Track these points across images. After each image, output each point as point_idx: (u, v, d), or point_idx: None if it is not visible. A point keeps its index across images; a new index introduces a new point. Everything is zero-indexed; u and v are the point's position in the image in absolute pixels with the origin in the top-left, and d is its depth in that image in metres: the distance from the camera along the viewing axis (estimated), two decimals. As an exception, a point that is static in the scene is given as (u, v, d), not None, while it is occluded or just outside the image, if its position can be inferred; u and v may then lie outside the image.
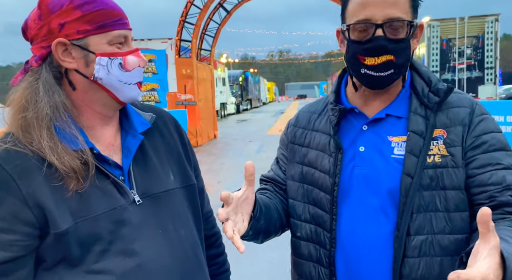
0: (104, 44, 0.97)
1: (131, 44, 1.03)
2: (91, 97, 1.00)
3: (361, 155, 1.11)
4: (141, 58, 1.03)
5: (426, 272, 1.04)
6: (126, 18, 1.02)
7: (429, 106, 1.08)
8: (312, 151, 1.18)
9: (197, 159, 1.26)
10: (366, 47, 1.05)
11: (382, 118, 1.11)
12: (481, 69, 13.19)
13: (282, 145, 1.32)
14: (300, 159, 1.21)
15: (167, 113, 1.22)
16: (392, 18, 1.02)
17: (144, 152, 1.06)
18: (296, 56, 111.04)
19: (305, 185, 1.18)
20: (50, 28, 0.96)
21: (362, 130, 1.12)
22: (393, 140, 1.09)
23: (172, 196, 1.06)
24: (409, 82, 1.14)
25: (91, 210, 0.93)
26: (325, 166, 1.14)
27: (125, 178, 1.01)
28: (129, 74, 1.00)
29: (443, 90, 1.08)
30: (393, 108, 1.12)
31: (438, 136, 1.06)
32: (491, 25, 12.89)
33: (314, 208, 1.16)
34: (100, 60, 0.97)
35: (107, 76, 0.98)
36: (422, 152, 1.04)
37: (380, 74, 1.05)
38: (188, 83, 12.51)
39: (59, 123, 0.95)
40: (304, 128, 1.24)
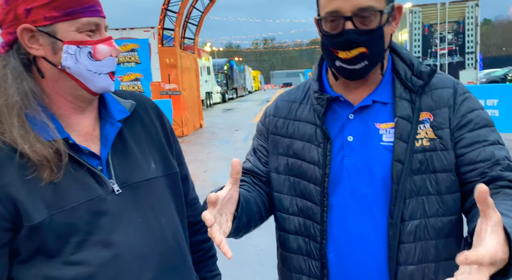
0: (73, 31, 0.94)
1: (103, 32, 0.99)
2: (61, 86, 0.98)
3: (350, 145, 1.09)
4: (114, 47, 1.00)
5: (422, 256, 1.04)
6: (99, 5, 0.99)
7: (413, 90, 1.07)
8: (298, 142, 1.15)
9: (183, 149, 1.25)
10: (337, 41, 1.02)
11: (369, 105, 1.10)
12: (462, 54, 13.37)
13: (259, 135, 1.27)
14: (284, 150, 1.18)
15: (149, 100, 1.19)
16: (361, 9, 0.99)
17: (124, 140, 1.05)
18: (280, 44, 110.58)
19: (292, 178, 1.15)
20: (16, 13, 0.93)
21: (349, 119, 1.11)
22: (381, 127, 1.08)
23: (153, 185, 1.05)
24: (390, 66, 1.12)
25: (68, 201, 0.91)
26: (314, 157, 1.11)
27: (104, 168, 0.99)
28: (100, 63, 0.97)
29: (426, 72, 1.08)
30: (378, 94, 1.10)
31: (425, 119, 1.05)
32: (472, 10, 13.03)
33: (302, 201, 1.13)
34: (68, 48, 0.94)
35: (75, 65, 0.95)
36: (411, 137, 1.04)
37: (354, 67, 1.04)
38: (172, 72, 12.39)
39: (29, 111, 0.92)
40: (285, 118, 1.20)
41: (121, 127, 1.04)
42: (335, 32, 1.03)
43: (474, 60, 13.40)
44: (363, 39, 1.01)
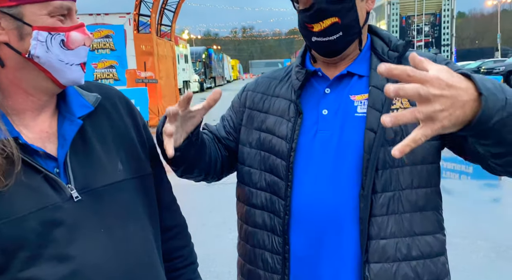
0: (43, 15, 0.83)
1: (75, 18, 0.89)
2: (24, 76, 0.87)
3: (324, 118, 1.08)
4: (87, 35, 0.90)
5: (396, 229, 1.01)
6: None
7: (389, 62, 1.06)
8: (271, 117, 1.15)
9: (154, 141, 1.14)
10: (310, 14, 1.04)
11: (344, 76, 1.10)
12: (438, 46, 13.64)
13: (232, 106, 1.28)
14: (258, 125, 1.17)
15: (118, 92, 1.08)
16: None
17: (86, 139, 0.93)
18: (260, 33, 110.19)
19: (262, 152, 1.15)
20: None
21: (325, 94, 1.11)
22: (356, 99, 1.07)
23: (119, 189, 0.94)
24: (369, 44, 1.13)
25: (16, 210, 0.81)
26: (283, 132, 1.11)
27: (61, 171, 0.88)
28: (72, 53, 0.87)
29: (401, 44, 1.09)
30: (354, 67, 1.10)
31: None
32: (448, 2, 13.26)
33: (270, 176, 1.13)
34: (38, 34, 0.83)
35: (46, 54, 0.84)
36: (385, 106, 1.02)
37: (329, 39, 1.05)
38: (148, 60, 12.13)
39: None
40: (263, 93, 1.21)
41: (83, 124, 0.93)
42: (307, 5, 1.05)
43: (450, 52, 13.69)
44: (334, 9, 1.02)
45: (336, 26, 1.04)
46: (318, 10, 1.03)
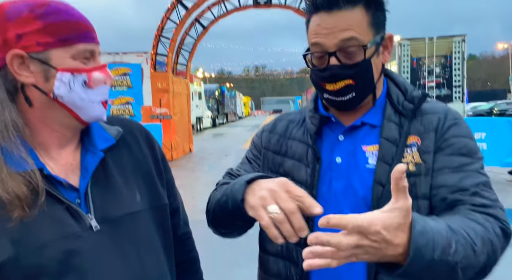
0: (67, 58, 0.89)
1: (98, 59, 0.95)
2: (49, 115, 0.92)
3: (337, 167, 1.07)
4: (108, 75, 0.95)
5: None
6: (94, 32, 0.94)
7: (403, 113, 1.06)
8: (289, 161, 1.13)
9: (172, 173, 1.18)
10: (323, 75, 1.04)
11: (358, 126, 1.09)
12: (449, 87, 13.70)
13: (254, 147, 1.25)
14: (274, 167, 1.15)
15: (138, 125, 1.12)
16: (343, 40, 0.99)
17: (107, 170, 0.97)
18: (271, 72, 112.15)
19: None
20: (5, 38, 0.86)
21: (339, 140, 1.10)
22: (367, 149, 1.06)
23: (136, 219, 0.97)
24: (385, 92, 1.12)
25: (37, 238, 0.84)
26: (302, 177, 1.09)
27: (82, 201, 0.91)
28: (94, 91, 0.93)
29: (417, 97, 1.07)
30: (368, 117, 1.09)
31: (412, 143, 1.03)
32: (458, 45, 13.45)
33: None
34: (62, 76, 0.89)
35: (69, 94, 0.90)
36: (395, 160, 1.01)
37: (341, 99, 1.04)
38: (164, 97, 12.41)
39: (6, 143, 0.86)
40: (280, 135, 1.19)
41: (105, 156, 0.97)
42: (321, 67, 1.04)
43: (461, 93, 13.72)
44: (348, 73, 1.01)
45: (350, 88, 1.03)
46: (332, 75, 1.02)
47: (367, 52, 1.01)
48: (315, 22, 1.03)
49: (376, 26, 1.04)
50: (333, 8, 1.00)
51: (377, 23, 1.05)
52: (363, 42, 1.01)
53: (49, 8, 0.88)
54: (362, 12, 1.02)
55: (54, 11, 0.88)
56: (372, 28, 1.03)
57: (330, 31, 1.00)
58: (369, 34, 1.02)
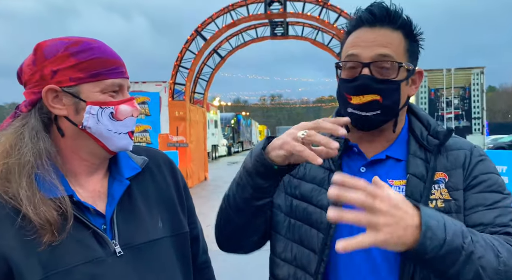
0: (97, 92, 0.95)
1: (126, 92, 1.01)
2: (79, 144, 0.98)
3: None
4: (135, 107, 1.01)
5: None
6: (123, 66, 1.01)
7: (428, 149, 1.05)
8: (306, 184, 1.11)
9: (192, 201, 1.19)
10: (352, 85, 1.03)
11: (382, 160, 1.07)
12: (468, 119, 13.51)
13: None
14: (290, 190, 1.13)
15: (163, 155, 1.18)
16: (380, 55, 1.02)
17: (132, 198, 1.02)
18: (287, 101, 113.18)
19: (292, 220, 1.09)
20: (42, 74, 0.94)
21: (360, 172, 1.07)
22: (394, 183, 1.04)
23: (158, 247, 1.01)
24: (407, 126, 1.12)
25: (65, 262, 0.89)
26: (323, 201, 1.05)
27: (108, 227, 0.96)
28: (120, 123, 0.98)
29: (442, 132, 1.06)
30: (392, 150, 1.08)
31: (440, 179, 1.02)
32: (477, 77, 13.36)
33: (298, 247, 1.06)
34: (91, 108, 0.95)
35: (96, 125, 0.96)
36: (423, 197, 1.00)
37: (365, 114, 1.03)
38: (181, 125, 12.58)
39: (40, 171, 0.92)
40: None
41: (130, 184, 1.02)
42: (350, 76, 1.05)
43: (481, 125, 13.50)
44: (378, 87, 1.01)
45: (376, 104, 1.02)
46: (361, 84, 1.02)
47: (400, 73, 1.03)
48: (354, 35, 1.06)
49: (411, 55, 1.07)
50: (376, 25, 1.04)
51: (412, 53, 1.07)
52: (397, 60, 1.03)
53: (82, 46, 0.96)
54: (401, 37, 1.06)
55: (87, 48, 0.96)
56: (407, 55, 1.06)
57: (369, 44, 1.03)
58: (403, 59, 1.05)
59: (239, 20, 13.49)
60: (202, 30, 13.38)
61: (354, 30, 1.07)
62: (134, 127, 1.03)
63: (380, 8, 1.05)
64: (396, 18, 1.05)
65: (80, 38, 0.99)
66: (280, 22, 14.84)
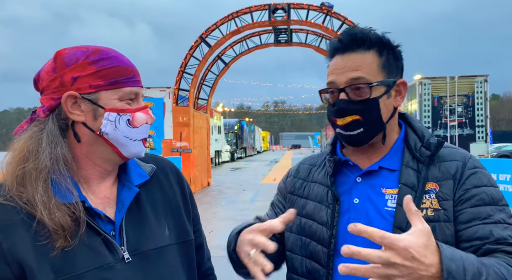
0: (115, 99, 0.98)
1: (141, 100, 1.04)
2: (94, 150, 1.00)
3: (355, 207, 1.10)
4: (150, 115, 1.03)
5: None
6: (139, 75, 1.03)
7: (421, 160, 1.09)
8: (311, 203, 1.18)
9: (198, 209, 1.22)
10: (333, 109, 1.12)
11: (375, 171, 1.12)
12: (472, 126, 13.48)
13: (280, 192, 1.32)
14: (299, 210, 1.18)
15: (170, 163, 1.20)
16: (352, 79, 1.08)
17: (140, 205, 1.04)
18: (291, 107, 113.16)
19: (303, 238, 1.16)
20: (62, 80, 0.96)
21: (356, 182, 1.13)
22: (387, 192, 1.09)
23: (165, 254, 1.03)
24: (402, 136, 1.16)
25: (75, 267, 0.90)
26: (323, 218, 1.13)
27: (116, 233, 0.98)
28: (136, 130, 1.00)
29: (434, 144, 1.10)
30: (386, 161, 1.13)
31: (430, 189, 1.06)
32: (480, 85, 13.35)
33: (311, 262, 1.13)
34: (109, 115, 0.97)
35: (114, 132, 0.98)
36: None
37: (349, 133, 1.10)
38: (184, 130, 12.61)
39: (56, 176, 0.94)
40: (304, 180, 1.25)
41: (139, 191, 1.04)
42: (331, 102, 1.13)
43: (485, 133, 13.46)
44: (355, 108, 1.09)
45: (357, 123, 1.09)
46: (339, 108, 1.10)
47: (374, 91, 1.09)
48: (331, 63, 1.15)
49: (387, 70, 1.12)
50: (347, 51, 1.12)
51: (388, 67, 1.12)
52: (370, 81, 1.09)
53: (101, 55, 0.99)
54: (374, 56, 1.11)
55: (106, 57, 0.99)
56: (383, 71, 1.11)
57: (342, 71, 1.10)
58: (378, 76, 1.10)
59: (243, 27, 13.58)
60: (207, 36, 13.46)
61: (331, 59, 1.15)
62: (147, 134, 1.05)
63: (348, 35, 1.12)
64: (363, 40, 1.10)
65: (98, 47, 1.01)
66: (284, 29, 14.91)
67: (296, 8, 13.36)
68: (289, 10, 13.29)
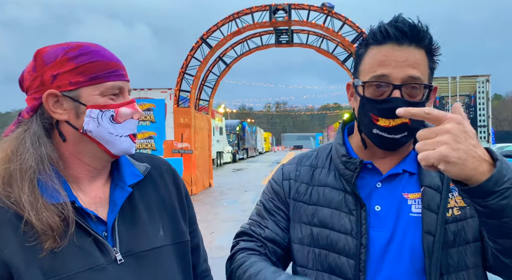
0: (96, 95, 0.94)
1: (127, 95, 1.00)
2: (81, 148, 0.97)
3: (377, 215, 1.02)
4: (136, 109, 1.00)
5: None
6: (123, 69, 1.00)
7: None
8: (324, 209, 1.07)
9: (194, 210, 1.18)
10: (381, 107, 0.99)
11: (397, 174, 1.05)
12: (474, 127, 13.38)
13: (275, 196, 1.17)
14: (307, 219, 1.09)
15: (166, 163, 1.16)
16: (412, 78, 0.98)
17: (133, 205, 1.01)
18: (292, 108, 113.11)
19: (317, 250, 1.06)
20: (42, 79, 0.94)
21: (376, 188, 1.05)
22: (409, 197, 1.02)
23: (159, 255, 0.99)
24: None
25: (65, 269, 0.88)
26: (345, 225, 1.03)
27: (109, 233, 0.95)
28: (121, 126, 0.97)
29: None
30: (407, 164, 1.06)
31: (453, 187, 1.00)
32: (482, 85, 13.31)
33: (331, 277, 1.03)
34: (91, 112, 0.94)
35: (97, 129, 0.95)
36: (441, 207, 0.98)
37: (393, 137, 1.00)
38: (185, 131, 12.61)
39: (42, 176, 0.91)
40: (307, 184, 1.13)
41: (132, 191, 1.02)
42: (380, 98, 1.00)
43: (487, 133, 13.42)
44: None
45: (405, 127, 0.99)
46: (393, 108, 0.92)
47: (426, 93, 1.01)
48: (381, 52, 1.00)
49: (430, 74, 1.04)
50: (404, 43, 0.99)
51: (432, 69, 1.04)
52: (424, 82, 1.00)
53: (81, 50, 0.95)
54: (424, 56, 1.01)
55: (86, 52, 0.95)
56: (430, 73, 1.03)
57: (400, 64, 0.98)
58: (428, 78, 1.02)
59: (244, 28, 13.57)
60: (208, 37, 13.47)
61: (378, 45, 1.01)
62: (136, 130, 1.01)
63: (408, 25, 0.99)
64: (423, 36, 0.99)
65: (79, 43, 0.97)
66: (285, 30, 14.90)
67: (297, 9, 13.36)
68: (290, 10, 13.28)
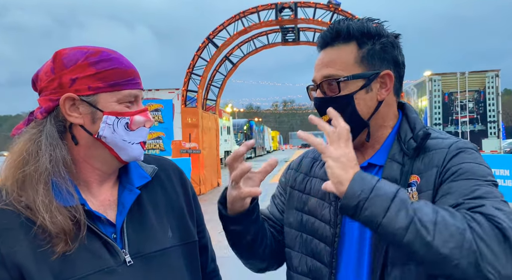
0: (113, 102, 0.96)
1: (140, 103, 1.02)
2: (92, 153, 0.98)
3: None
4: (148, 118, 1.01)
5: None
6: (139, 78, 1.01)
7: (406, 153, 1.05)
8: (313, 199, 1.15)
9: (201, 210, 1.20)
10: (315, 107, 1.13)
11: (365, 167, 1.09)
12: (483, 122, 13.29)
13: (280, 185, 1.30)
14: (300, 206, 1.17)
15: (173, 164, 1.18)
16: (323, 78, 1.08)
17: (142, 207, 1.02)
18: (300, 106, 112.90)
19: (304, 235, 1.14)
20: (61, 82, 0.94)
21: None
22: None
23: (168, 256, 1.01)
24: (396, 129, 1.11)
25: (76, 272, 0.89)
26: (325, 215, 1.10)
27: (118, 236, 0.96)
28: (134, 133, 0.98)
29: (420, 136, 1.04)
30: (376, 157, 1.10)
31: (413, 182, 1.02)
32: (492, 80, 13.16)
33: (312, 260, 1.10)
34: (107, 118, 0.95)
35: (112, 135, 0.96)
36: None
37: None
38: (193, 131, 12.65)
39: (56, 178, 0.92)
40: (305, 174, 1.22)
41: (140, 193, 1.02)
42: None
43: (497, 129, 13.27)
44: (327, 106, 1.01)
45: None
46: (316, 107, 1.11)
47: (347, 86, 1.05)
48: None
49: (368, 62, 1.06)
50: (326, 46, 1.10)
51: (369, 60, 1.06)
52: (338, 77, 1.05)
53: (102, 56, 0.96)
54: (353, 49, 1.07)
55: (106, 59, 0.96)
56: (361, 64, 1.06)
57: (317, 67, 1.10)
58: (354, 70, 1.05)
59: (250, 27, 13.56)
60: (214, 37, 13.48)
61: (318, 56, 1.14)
62: (146, 137, 1.03)
63: (328, 29, 1.10)
64: (339, 33, 1.07)
65: (98, 48, 0.98)
66: (291, 28, 14.86)
67: (303, 7, 13.31)
68: (296, 8, 13.24)
